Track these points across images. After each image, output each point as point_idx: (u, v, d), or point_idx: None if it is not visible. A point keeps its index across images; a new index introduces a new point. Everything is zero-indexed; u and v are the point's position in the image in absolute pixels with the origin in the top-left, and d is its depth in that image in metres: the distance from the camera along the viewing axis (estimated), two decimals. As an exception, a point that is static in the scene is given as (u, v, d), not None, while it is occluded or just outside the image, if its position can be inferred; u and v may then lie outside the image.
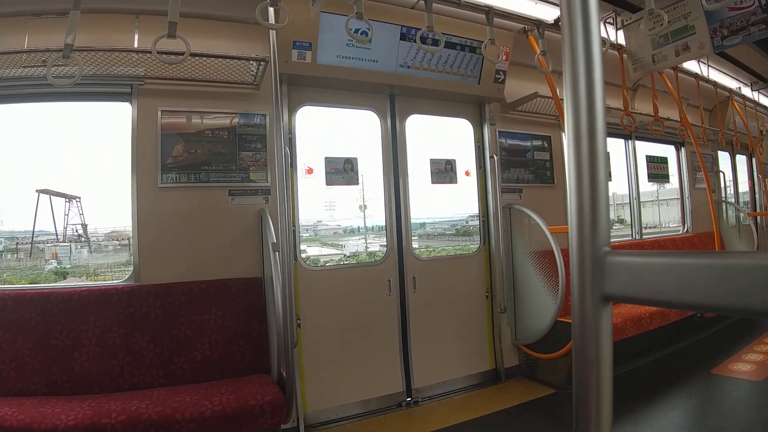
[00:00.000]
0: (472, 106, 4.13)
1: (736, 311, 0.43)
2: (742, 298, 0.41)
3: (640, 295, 0.51)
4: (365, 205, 3.78)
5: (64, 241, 3.36)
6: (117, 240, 3.35)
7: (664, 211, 6.50)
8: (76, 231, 3.39)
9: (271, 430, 2.41)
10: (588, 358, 0.55)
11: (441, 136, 4.11)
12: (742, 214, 6.43)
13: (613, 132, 4.97)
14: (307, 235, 3.68)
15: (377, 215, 3.76)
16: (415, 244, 3.84)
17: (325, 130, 3.62)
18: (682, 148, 6.03)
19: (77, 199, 3.39)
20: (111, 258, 3.35)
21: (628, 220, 5.51)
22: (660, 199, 6.44)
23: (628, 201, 5.43)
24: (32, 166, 3.10)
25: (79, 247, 3.40)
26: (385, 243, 3.69)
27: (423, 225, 4.22)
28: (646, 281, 0.50)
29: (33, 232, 3.27)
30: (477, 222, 4.13)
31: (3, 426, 2.08)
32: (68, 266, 3.30)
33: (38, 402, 2.31)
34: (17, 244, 3.25)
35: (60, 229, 3.36)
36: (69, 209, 3.41)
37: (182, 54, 2.35)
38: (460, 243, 4.33)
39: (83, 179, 3.19)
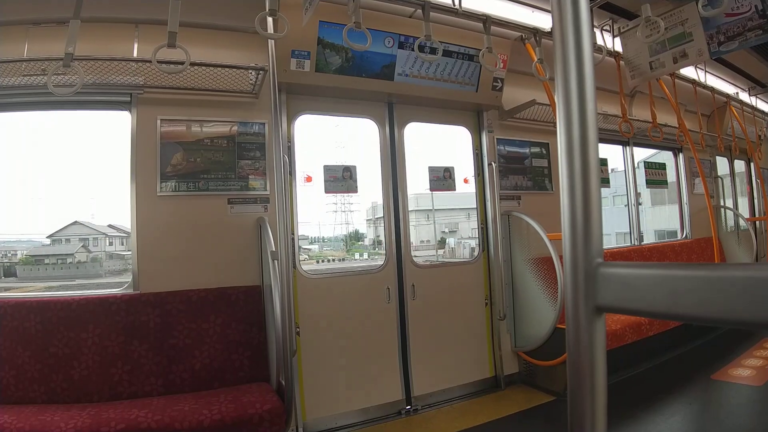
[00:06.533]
0: (471, 114, 4.15)
1: (729, 323, 0.43)
2: (734, 309, 0.41)
3: (633, 307, 0.51)
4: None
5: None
6: None
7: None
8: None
9: (270, 438, 2.41)
10: (582, 368, 0.56)
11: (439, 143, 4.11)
12: (740, 219, 6.44)
13: (611, 138, 5.00)
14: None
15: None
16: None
17: (324, 139, 3.64)
18: (680, 154, 6.04)
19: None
20: None
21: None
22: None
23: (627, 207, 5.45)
24: (30, 174, 3.10)
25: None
26: (384, 250, 3.70)
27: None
28: (639, 293, 0.50)
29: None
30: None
31: (2, 435, 2.08)
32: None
33: (37, 410, 2.31)
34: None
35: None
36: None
37: (182, 63, 2.36)
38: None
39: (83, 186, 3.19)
